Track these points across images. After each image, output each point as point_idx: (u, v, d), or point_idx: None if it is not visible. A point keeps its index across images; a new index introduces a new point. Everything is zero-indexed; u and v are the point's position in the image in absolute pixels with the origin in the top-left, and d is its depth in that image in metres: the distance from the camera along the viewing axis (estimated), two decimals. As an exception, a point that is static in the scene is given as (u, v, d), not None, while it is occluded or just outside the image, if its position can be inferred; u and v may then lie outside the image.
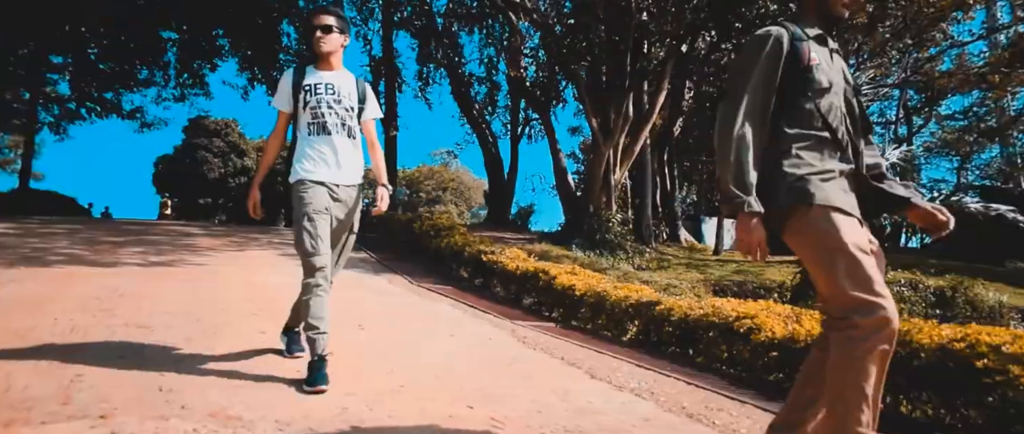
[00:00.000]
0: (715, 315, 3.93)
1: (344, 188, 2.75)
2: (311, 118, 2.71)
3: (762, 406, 2.90)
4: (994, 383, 2.38)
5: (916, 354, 2.69)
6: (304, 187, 2.66)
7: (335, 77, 2.78)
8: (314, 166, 2.69)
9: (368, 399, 2.53)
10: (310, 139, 2.72)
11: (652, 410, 2.81)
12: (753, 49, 1.71)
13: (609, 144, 12.92)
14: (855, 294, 1.53)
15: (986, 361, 2.41)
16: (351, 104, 2.79)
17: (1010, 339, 2.44)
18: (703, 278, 11.30)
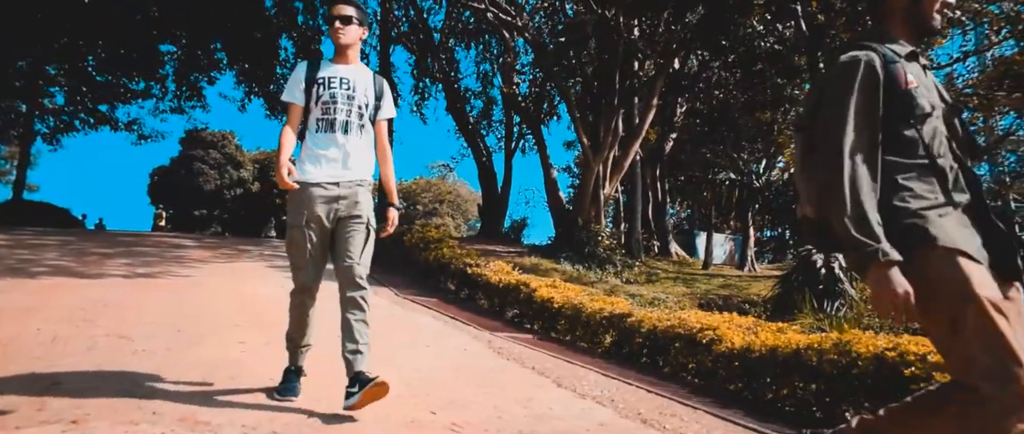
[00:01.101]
0: (681, 327, 4.07)
1: (347, 185, 2.54)
2: (321, 113, 2.54)
3: (713, 412, 3.03)
4: (918, 389, 2.51)
5: (855, 363, 2.83)
6: (301, 193, 2.50)
7: (351, 71, 2.61)
8: (315, 167, 2.52)
9: (334, 406, 2.64)
10: (316, 137, 2.55)
11: (609, 416, 2.93)
12: (843, 78, 1.50)
13: (598, 159, 13.13)
14: (987, 359, 1.28)
15: (913, 369, 2.55)
16: (366, 101, 2.61)
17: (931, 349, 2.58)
18: (690, 292, 11.44)
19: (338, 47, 2.60)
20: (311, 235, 2.51)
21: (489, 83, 20.50)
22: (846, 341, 2.97)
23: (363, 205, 2.58)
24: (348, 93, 2.56)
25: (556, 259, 12.60)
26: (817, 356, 3.08)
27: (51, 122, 16.89)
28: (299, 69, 2.62)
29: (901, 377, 2.65)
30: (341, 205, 2.54)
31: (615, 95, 12.60)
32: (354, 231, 2.55)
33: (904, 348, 2.69)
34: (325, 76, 2.57)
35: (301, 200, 2.51)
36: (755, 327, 3.81)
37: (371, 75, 2.68)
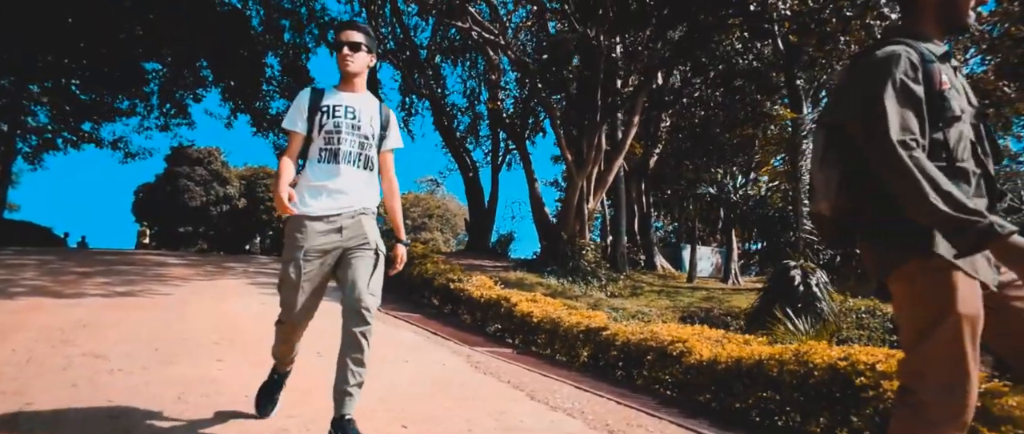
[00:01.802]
0: (653, 340, 4.17)
1: (349, 216, 2.39)
2: (324, 143, 2.40)
3: (678, 422, 3.12)
4: (870, 397, 2.64)
5: (812, 373, 2.95)
6: (299, 226, 2.35)
7: (357, 100, 2.48)
8: (314, 200, 2.36)
9: (308, 421, 2.70)
10: (319, 167, 2.40)
11: (578, 427, 3.01)
12: (882, 69, 1.44)
13: (582, 174, 13.30)
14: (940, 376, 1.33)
15: (863, 378, 2.67)
16: (372, 131, 2.47)
17: (884, 358, 2.72)
18: (672, 305, 11.56)
19: (345, 75, 2.47)
20: (307, 271, 2.34)
21: (476, 99, 20.77)
22: (804, 352, 3.09)
23: (369, 231, 2.42)
24: (353, 123, 2.42)
25: (541, 273, 12.70)
26: (778, 366, 3.19)
27: (34, 141, 16.79)
28: (302, 96, 2.47)
29: (853, 386, 2.76)
30: (344, 235, 2.37)
31: (598, 111, 12.82)
32: (361, 256, 2.36)
33: (855, 358, 2.81)
34: (330, 104, 2.43)
35: (298, 233, 2.35)
36: (723, 339, 3.91)
37: (377, 104, 2.56)
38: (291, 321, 2.44)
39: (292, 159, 2.45)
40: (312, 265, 2.35)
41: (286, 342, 2.55)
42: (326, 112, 2.41)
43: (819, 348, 3.05)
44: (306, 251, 2.33)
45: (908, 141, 1.36)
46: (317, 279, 2.39)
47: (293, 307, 2.38)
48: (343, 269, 2.37)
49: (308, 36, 17.32)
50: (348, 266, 2.36)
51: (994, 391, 2.47)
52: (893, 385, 2.64)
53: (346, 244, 2.37)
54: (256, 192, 31.81)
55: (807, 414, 3.10)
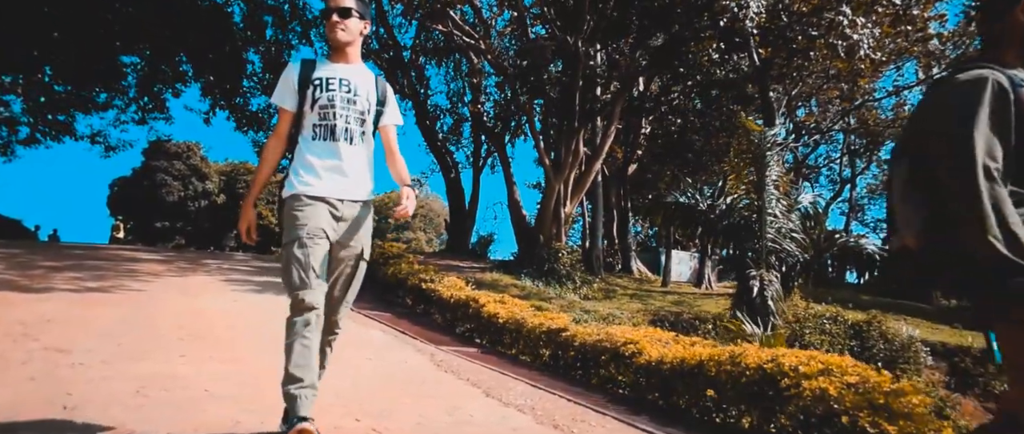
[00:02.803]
0: (608, 341, 4.36)
1: (350, 204, 2.25)
2: (319, 119, 2.22)
3: (620, 418, 3.30)
4: (791, 396, 2.84)
5: (743, 373, 3.15)
6: (299, 204, 2.18)
7: (351, 72, 2.28)
8: (314, 178, 2.20)
9: (263, 415, 2.81)
10: (313, 145, 2.23)
11: (526, 422, 3.17)
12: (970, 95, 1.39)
13: (560, 178, 13.51)
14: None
15: (787, 379, 2.87)
16: (368, 106, 2.30)
17: (806, 360, 2.93)
18: (644, 308, 11.80)
19: (336, 45, 2.27)
20: (315, 248, 2.13)
21: (459, 100, 20.90)
22: (738, 354, 3.29)
23: (365, 234, 2.30)
24: (348, 96, 2.23)
25: (517, 275, 12.87)
26: (716, 367, 3.39)
27: (4, 132, 16.50)
28: (291, 68, 2.27)
29: (777, 385, 2.97)
30: (342, 229, 2.24)
31: (576, 117, 13.04)
32: (348, 265, 2.27)
33: (781, 361, 3.01)
34: (322, 76, 2.23)
35: (300, 211, 2.16)
36: (672, 342, 4.11)
37: (373, 77, 2.36)
38: (308, 305, 2.08)
39: (281, 140, 2.29)
40: (318, 245, 2.15)
41: (306, 340, 2.10)
42: (318, 85, 2.22)
43: (751, 350, 3.26)
44: (310, 230, 2.14)
45: (992, 170, 1.31)
46: (324, 258, 2.17)
47: (308, 285, 2.09)
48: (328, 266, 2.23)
49: (291, 33, 17.28)
50: (333, 271, 2.24)
51: (898, 391, 2.68)
52: (812, 385, 2.85)
53: (342, 239, 2.24)
54: (236, 188, 31.52)
55: (740, 411, 3.31)
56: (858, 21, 8.63)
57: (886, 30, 9.60)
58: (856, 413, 2.63)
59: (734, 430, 3.29)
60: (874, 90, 18.66)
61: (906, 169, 1.51)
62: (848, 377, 2.85)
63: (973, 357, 10.62)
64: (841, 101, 19.58)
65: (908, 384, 2.79)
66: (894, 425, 2.55)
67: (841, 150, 30.20)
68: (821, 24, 8.87)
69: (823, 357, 3.00)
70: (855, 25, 8.63)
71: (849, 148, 29.78)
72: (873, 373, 2.88)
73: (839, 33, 8.78)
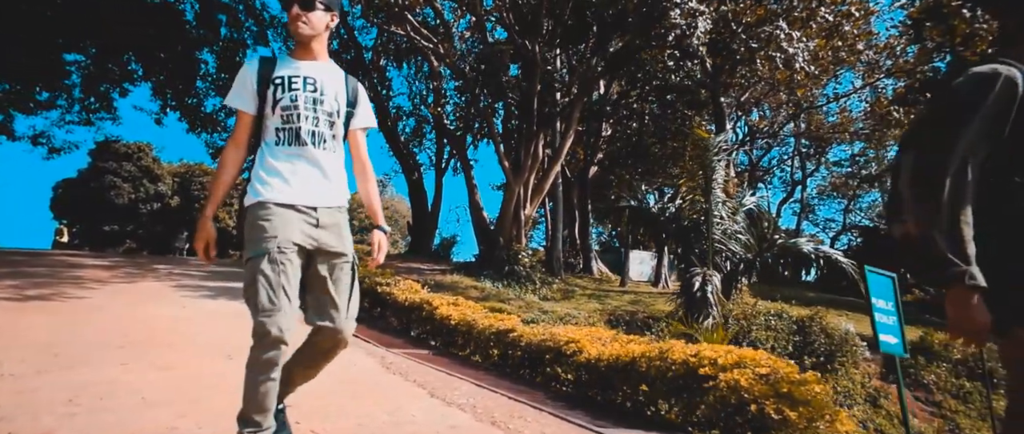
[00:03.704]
0: (551, 340, 4.53)
1: (326, 211, 2.01)
2: (282, 122, 1.98)
3: (556, 414, 3.47)
4: (710, 387, 3.07)
5: (670, 367, 3.36)
6: (267, 212, 1.91)
7: (317, 69, 2.05)
8: (282, 183, 1.96)
9: (200, 419, 2.86)
10: (278, 150, 1.99)
11: (465, 420, 3.30)
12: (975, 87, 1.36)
13: (519, 181, 13.70)
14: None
15: (706, 370, 3.10)
16: (337, 107, 2.06)
17: (724, 354, 3.17)
18: (601, 308, 12.09)
19: (300, 39, 2.05)
20: (286, 265, 1.85)
21: (422, 102, 20.89)
22: (666, 350, 3.51)
23: (347, 239, 2.06)
24: (314, 96, 2.01)
25: (477, 277, 12.98)
26: (647, 363, 3.60)
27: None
28: (249, 67, 2.04)
29: (698, 377, 3.19)
30: (321, 237, 1.97)
31: (535, 121, 13.26)
32: (340, 273, 1.99)
33: (702, 355, 3.24)
34: (284, 75, 2.00)
35: (267, 220, 1.89)
36: (611, 340, 4.31)
37: (342, 75, 2.13)
38: (275, 338, 1.80)
39: (240, 147, 2.04)
40: (291, 261, 1.88)
41: (268, 369, 1.84)
42: (280, 84, 1.99)
43: (677, 346, 3.48)
44: (280, 242, 1.87)
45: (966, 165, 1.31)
46: (296, 276, 1.91)
47: (277, 308, 1.80)
48: (316, 281, 1.98)
49: (247, 33, 16.94)
50: (321, 283, 1.97)
51: (802, 380, 2.94)
52: (727, 376, 3.08)
53: (323, 246, 1.98)
54: (191, 190, 30.55)
55: (670, 404, 3.53)
56: (794, 35, 9.17)
57: (820, 44, 10.20)
58: (763, 401, 2.87)
59: (662, 422, 3.51)
60: (816, 97, 19.56)
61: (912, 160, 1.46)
62: (760, 369, 3.10)
63: (905, 349, 11.30)
64: (788, 107, 20.46)
65: (811, 375, 3.05)
66: (795, 411, 2.80)
67: (792, 153, 31.48)
68: (761, 37, 9.38)
69: (739, 351, 3.24)
70: (791, 39, 9.16)
71: (799, 151, 31.07)
72: (782, 364, 3.13)
73: (777, 46, 9.30)
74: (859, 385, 10.14)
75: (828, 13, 9.73)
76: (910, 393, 10.66)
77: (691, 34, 8.83)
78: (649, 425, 3.46)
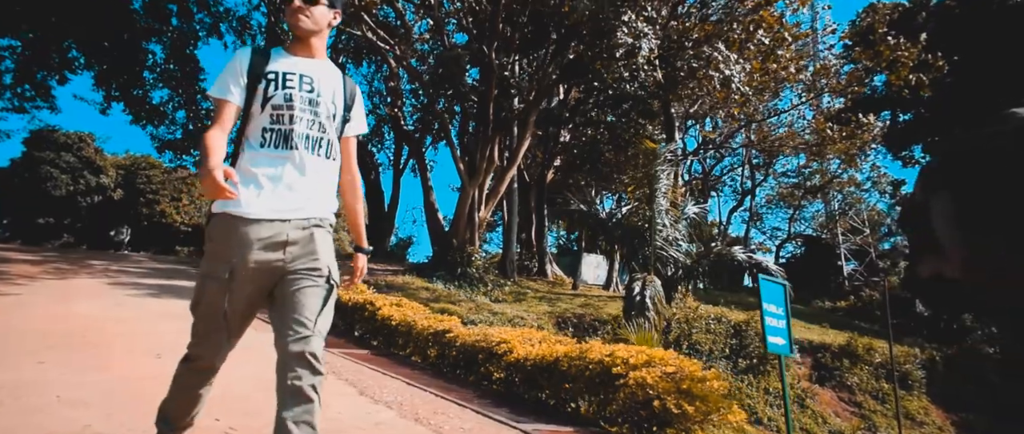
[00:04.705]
0: (484, 341, 4.69)
1: (301, 224, 1.79)
2: (271, 121, 1.80)
3: (479, 411, 3.63)
4: (621, 384, 3.29)
5: (588, 366, 3.57)
6: (227, 229, 1.73)
7: (315, 68, 1.89)
8: (256, 194, 1.75)
9: (117, 419, 2.87)
10: (261, 154, 1.79)
11: (389, 417, 3.41)
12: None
13: (474, 184, 13.83)
14: None
15: (618, 368, 3.32)
16: (334, 110, 1.89)
17: (636, 354, 3.39)
18: (551, 311, 12.35)
19: (299, 34, 1.88)
20: (236, 295, 1.73)
21: (382, 101, 20.77)
22: (585, 350, 3.72)
23: (323, 253, 1.83)
24: (311, 97, 1.84)
25: (430, 278, 13.03)
26: (569, 362, 3.80)
27: None
28: (240, 57, 1.84)
29: (612, 375, 3.41)
30: (291, 252, 1.77)
31: (491, 125, 13.43)
32: (310, 287, 1.78)
33: (616, 355, 3.46)
34: (278, 71, 1.83)
35: (227, 240, 1.74)
36: (540, 341, 4.50)
37: (340, 76, 1.97)
38: (206, 360, 1.80)
39: (224, 132, 1.79)
40: (244, 288, 1.73)
41: (191, 390, 1.86)
42: (274, 80, 1.81)
43: (596, 346, 3.70)
44: (236, 268, 1.71)
45: None
46: (248, 306, 1.77)
47: (212, 341, 1.75)
48: (283, 297, 1.76)
49: (198, 25, 16.47)
50: (291, 296, 1.75)
51: (702, 378, 3.19)
52: (638, 375, 3.30)
53: (291, 265, 1.77)
54: (136, 183, 29.26)
55: (588, 401, 3.73)
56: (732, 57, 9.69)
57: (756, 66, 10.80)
58: (666, 397, 3.10)
59: (579, 417, 3.72)
60: (759, 112, 20.50)
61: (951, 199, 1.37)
62: (667, 367, 3.34)
63: (832, 353, 12.04)
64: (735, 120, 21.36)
65: (712, 373, 3.31)
66: (692, 405, 3.04)
67: (742, 163, 32.76)
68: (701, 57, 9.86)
69: (650, 352, 3.47)
70: (729, 61, 9.68)
71: (749, 161, 32.37)
72: (687, 362, 3.38)
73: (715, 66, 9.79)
74: (788, 386, 10.72)
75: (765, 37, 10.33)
76: (835, 393, 11.35)
77: (637, 53, 9.21)
78: (566, 421, 3.65)
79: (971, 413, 11.60)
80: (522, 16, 12.44)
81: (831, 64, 13.29)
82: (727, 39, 9.97)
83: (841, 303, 19.91)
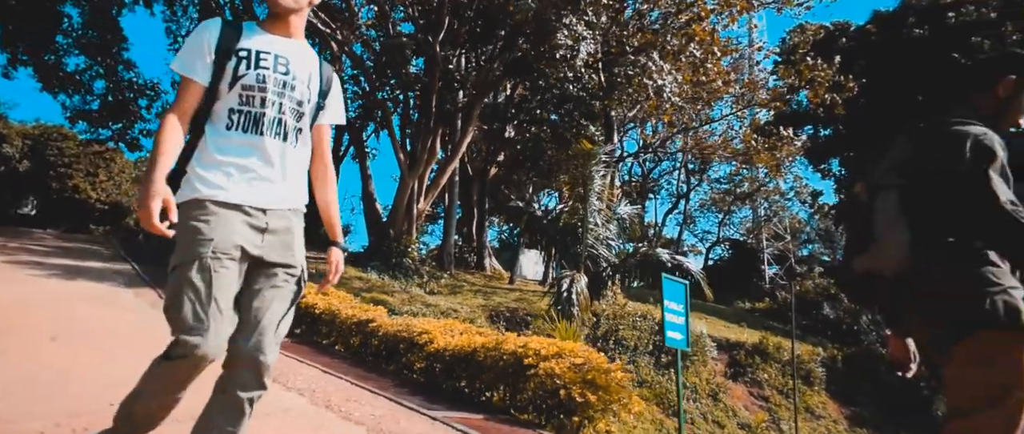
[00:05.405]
0: (406, 331, 4.74)
1: (277, 214, 1.68)
2: (240, 103, 1.65)
3: (393, 399, 3.69)
4: (531, 374, 3.44)
5: (502, 357, 3.70)
6: (203, 212, 1.59)
7: (292, 49, 1.73)
8: (225, 179, 1.62)
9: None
10: (229, 137, 1.65)
11: (299, 403, 3.41)
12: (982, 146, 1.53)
13: (414, 175, 13.73)
14: None
15: (529, 359, 3.47)
16: (308, 95, 1.74)
17: (547, 345, 3.56)
18: (485, 304, 12.48)
19: (278, 10, 1.71)
20: (221, 274, 1.55)
21: (323, 86, 20.14)
22: (501, 341, 3.85)
23: (298, 247, 1.73)
24: (286, 79, 1.69)
25: (364, 268, 12.84)
26: (484, 353, 3.92)
27: None
28: (208, 30, 1.66)
29: (524, 366, 3.55)
30: (267, 242, 1.65)
31: (433, 117, 13.36)
32: (277, 287, 1.66)
33: (529, 347, 3.61)
34: (251, 48, 1.67)
35: (204, 221, 1.57)
36: (461, 332, 4.60)
37: (318, 60, 1.81)
38: (201, 352, 1.53)
39: (185, 117, 1.63)
40: (228, 269, 1.57)
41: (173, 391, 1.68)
42: (247, 58, 1.65)
43: (511, 338, 3.83)
44: (217, 246, 1.56)
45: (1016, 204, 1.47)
46: (233, 288, 1.60)
47: (204, 327, 1.52)
48: (250, 293, 1.65)
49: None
50: (257, 293, 1.64)
51: (607, 369, 3.39)
52: (547, 365, 3.46)
53: (268, 255, 1.65)
54: (45, 155, 26.96)
55: (503, 391, 3.87)
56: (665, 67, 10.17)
57: (686, 78, 11.39)
58: (571, 387, 3.27)
59: (491, 406, 3.85)
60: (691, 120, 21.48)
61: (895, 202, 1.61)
62: (576, 359, 3.52)
63: (746, 351, 12.86)
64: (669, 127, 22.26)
65: (617, 365, 3.52)
66: (595, 394, 3.23)
67: (679, 167, 34.17)
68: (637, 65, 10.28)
69: (561, 344, 3.65)
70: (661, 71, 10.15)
71: (685, 166, 33.80)
72: (595, 355, 3.58)
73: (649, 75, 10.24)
74: (705, 381, 11.37)
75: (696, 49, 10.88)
76: (746, 388, 12.14)
77: (574, 56, 9.48)
78: (479, 409, 3.77)
79: (864, 408, 12.74)
80: (469, 10, 12.44)
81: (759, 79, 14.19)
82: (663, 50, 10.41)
83: (759, 304, 21.20)
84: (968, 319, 1.43)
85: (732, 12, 11.63)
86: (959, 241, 1.51)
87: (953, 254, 1.50)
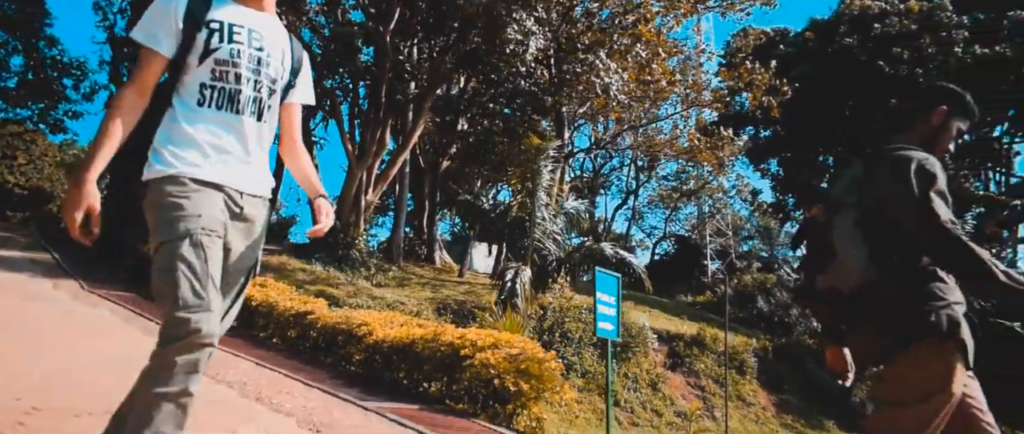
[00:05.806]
0: (345, 323, 4.70)
1: (251, 200, 1.63)
2: (212, 78, 1.57)
3: (328, 391, 3.67)
4: (467, 365, 3.51)
5: (439, 348, 3.75)
6: (184, 188, 1.50)
7: (265, 24, 1.67)
8: (201, 157, 1.54)
9: None
10: (200, 114, 1.56)
11: (229, 396, 3.34)
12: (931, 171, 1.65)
13: (363, 166, 13.49)
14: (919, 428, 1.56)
15: (466, 350, 3.53)
16: (281, 73, 1.69)
17: (484, 337, 3.63)
18: (433, 297, 12.45)
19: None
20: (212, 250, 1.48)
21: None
22: (439, 333, 3.89)
23: (261, 239, 1.71)
24: (260, 55, 1.62)
25: (308, 260, 12.54)
26: (423, 344, 3.95)
27: None
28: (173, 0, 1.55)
29: (460, 357, 3.61)
30: (239, 231, 1.61)
31: (382, 108, 13.16)
32: (235, 274, 1.64)
33: (466, 338, 3.68)
34: (223, 21, 1.58)
35: (189, 197, 1.50)
36: (400, 324, 4.61)
37: (289, 37, 1.75)
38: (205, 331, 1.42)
39: (144, 94, 1.53)
40: (216, 246, 1.51)
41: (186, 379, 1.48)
42: (218, 31, 1.56)
43: (449, 330, 3.89)
44: (205, 223, 1.49)
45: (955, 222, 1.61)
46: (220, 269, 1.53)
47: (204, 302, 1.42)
48: None
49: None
50: None
51: (541, 359, 3.49)
52: (483, 356, 3.54)
53: (237, 245, 1.61)
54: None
55: (441, 381, 3.91)
56: (611, 66, 10.43)
57: (631, 76, 11.73)
58: (505, 376, 3.36)
59: (429, 396, 3.89)
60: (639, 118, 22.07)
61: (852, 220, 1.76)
62: (512, 349, 3.60)
63: (685, 342, 13.41)
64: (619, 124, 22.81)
65: (551, 355, 3.64)
66: (528, 383, 3.32)
67: (629, 163, 35.02)
68: (585, 63, 10.50)
69: (497, 335, 3.73)
70: (608, 69, 10.41)
71: (635, 163, 34.67)
72: (530, 345, 3.68)
73: (596, 73, 10.47)
74: (645, 371, 11.79)
75: (643, 49, 11.21)
76: (684, 378, 12.68)
77: (524, 51, 9.57)
78: (415, 399, 3.81)
79: (791, 396, 13.55)
80: (421, 1, 12.30)
81: (703, 80, 14.78)
82: (610, 49, 10.65)
83: (700, 297, 22.08)
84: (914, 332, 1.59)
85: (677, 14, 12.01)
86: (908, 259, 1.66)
87: (903, 271, 1.66)
